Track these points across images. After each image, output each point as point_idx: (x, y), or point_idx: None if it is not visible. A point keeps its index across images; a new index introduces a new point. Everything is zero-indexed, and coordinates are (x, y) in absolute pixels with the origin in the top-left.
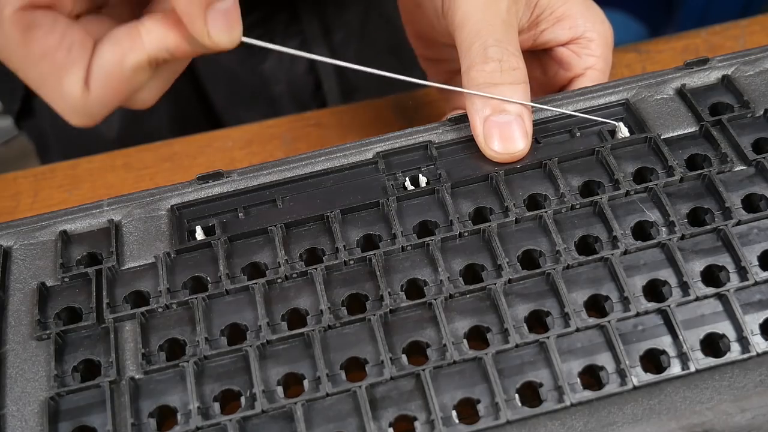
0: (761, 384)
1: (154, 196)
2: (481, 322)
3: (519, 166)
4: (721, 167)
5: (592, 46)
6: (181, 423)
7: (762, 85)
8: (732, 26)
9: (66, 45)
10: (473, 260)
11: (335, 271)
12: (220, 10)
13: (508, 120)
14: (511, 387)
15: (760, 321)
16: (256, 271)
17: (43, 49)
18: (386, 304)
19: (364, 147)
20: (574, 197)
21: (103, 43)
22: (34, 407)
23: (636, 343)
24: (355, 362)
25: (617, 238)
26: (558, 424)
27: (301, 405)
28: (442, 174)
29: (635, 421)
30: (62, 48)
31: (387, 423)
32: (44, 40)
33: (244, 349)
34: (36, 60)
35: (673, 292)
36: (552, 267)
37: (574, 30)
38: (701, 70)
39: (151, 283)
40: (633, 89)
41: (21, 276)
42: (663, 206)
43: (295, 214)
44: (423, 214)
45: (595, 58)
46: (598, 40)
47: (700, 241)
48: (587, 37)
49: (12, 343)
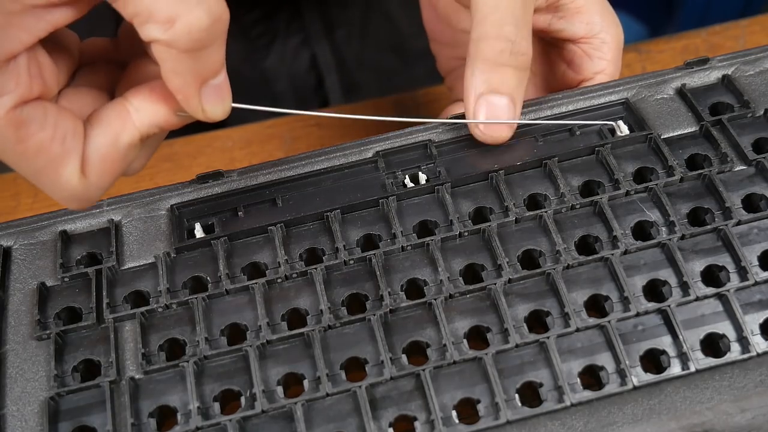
0: (761, 384)
1: (153, 196)
2: (481, 322)
3: (519, 164)
4: (721, 167)
5: (604, 48)
6: (181, 423)
7: (762, 84)
8: (732, 26)
9: (60, 136)
10: (473, 260)
11: (335, 270)
12: (213, 86)
13: (504, 104)
14: (511, 387)
15: (760, 321)
16: (256, 271)
17: (38, 144)
18: (386, 304)
19: (364, 146)
20: (574, 197)
21: (93, 126)
22: (34, 407)
23: (636, 343)
24: (355, 362)
25: (617, 238)
26: (558, 424)
27: (301, 405)
28: (441, 173)
29: (635, 421)
30: (56, 140)
31: (387, 423)
32: (38, 136)
33: (244, 349)
34: (32, 156)
35: (673, 292)
36: (552, 267)
37: (590, 27)
38: (701, 70)
39: (151, 283)
40: (633, 89)
41: (21, 276)
42: (663, 206)
43: (294, 214)
44: (423, 214)
45: (606, 62)
46: (611, 44)
47: (700, 241)
48: (601, 38)
49: (12, 343)
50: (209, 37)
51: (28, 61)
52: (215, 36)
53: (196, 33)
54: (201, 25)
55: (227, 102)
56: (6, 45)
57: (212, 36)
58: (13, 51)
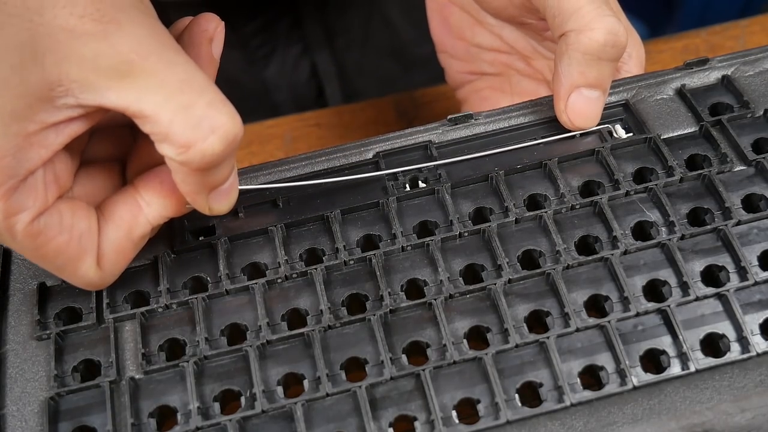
0: (761, 384)
1: None
2: (481, 322)
3: (519, 167)
4: (720, 167)
5: (630, 63)
6: (181, 423)
7: (762, 85)
8: (732, 26)
9: (76, 237)
10: (473, 260)
11: (335, 271)
12: (221, 191)
13: (596, 97)
14: (511, 387)
15: (760, 321)
16: (256, 271)
17: (56, 248)
18: (386, 304)
19: (364, 147)
20: (574, 197)
21: (107, 221)
22: (34, 407)
23: (636, 343)
24: (355, 362)
25: (617, 238)
26: (558, 424)
27: (301, 405)
28: (442, 174)
29: (635, 421)
30: (73, 241)
31: (387, 423)
32: (55, 241)
33: (244, 349)
34: (51, 258)
35: (673, 292)
36: (552, 267)
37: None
38: (701, 71)
39: (151, 283)
40: (633, 89)
41: (21, 276)
42: (663, 206)
43: (295, 215)
44: (423, 214)
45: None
46: (636, 59)
47: (700, 241)
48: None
49: (12, 343)
50: (221, 160)
51: (45, 173)
52: (227, 156)
53: (209, 157)
54: (214, 151)
55: (233, 197)
56: (25, 164)
57: (225, 156)
58: (30, 169)
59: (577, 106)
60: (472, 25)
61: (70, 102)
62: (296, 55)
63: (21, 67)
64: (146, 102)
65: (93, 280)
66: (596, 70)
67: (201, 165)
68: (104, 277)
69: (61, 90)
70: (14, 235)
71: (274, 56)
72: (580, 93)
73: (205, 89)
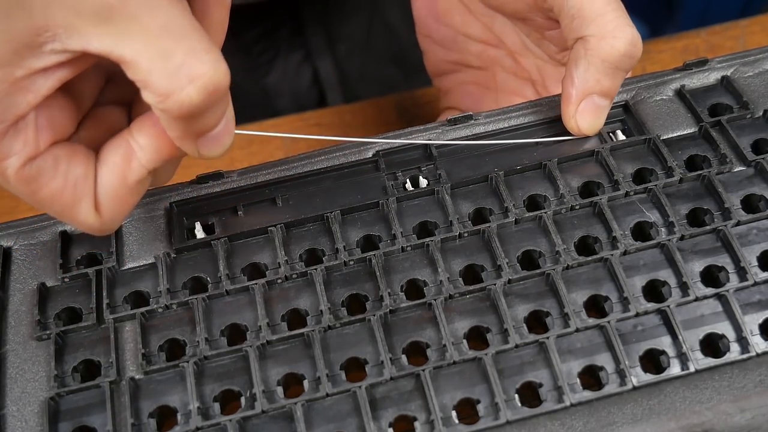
0: (761, 384)
1: (153, 196)
2: (481, 322)
3: (518, 167)
4: (720, 168)
5: None
6: (181, 423)
7: (761, 86)
8: (732, 26)
9: (71, 184)
10: (473, 261)
11: (335, 271)
12: (210, 136)
13: (604, 106)
14: (510, 387)
15: (760, 321)
16: (256, 272)
17: (50, 194)
18: (386, 305)
19: (364, 146)
20: (574, 198)
21: (101, 165)
22: (34, 407)
23: (636, 344)
24: (355, 362)
25: (617, 238)
26: (558, 424)
27: (301, 405)
28: (441, 174)
29: (635, 421)
30: (68, 188)
31: (387, 423)
32: (49, 186)
33: (244, 349)
34: (47, 203)
35: (673, 292)
36: (552, 267)
37: None
38: (700, 71)
39: (151, 284)
40: (632, 90)
41: (21, 276)
42: (662, 207)
43: (294, 214)
44: (423, 215)
45: None
46: None
47: (700, 242)
48: None
49: (12, 343)
50: (202, 109)
51: (36, 118)
52: (210, 105)
53: (187, 108)
54: (192, 101)
55: (225, 143)
56: (12, 110)
57: (206, 106)
58: (19, 114)
59: (587, 112)
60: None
61: (57, 47)
62: (298, 61)
63: (7, 14)
64: (126, 48)
65: (93, 225)
66: (611, 78)
67: (180, 114)
68: (105, 222)
69: (48, 35)
70: (7, 179)
71: (276, 63)
72: (591, 100)
73: (187, 35)
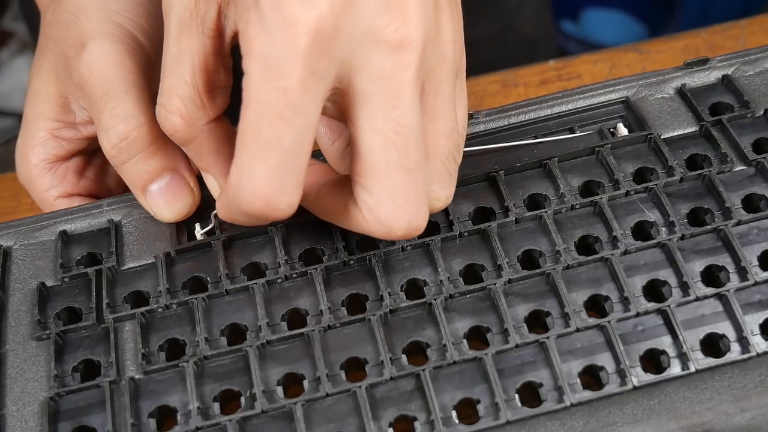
0: (761, 384)
1: None
2: (481, 322)
3: (519, 165)
4: (721, 167)
5: None
6: (181, 423)
7: (762, 85)
8: (732, 26)
9: None
10: (473, 260)
11: (335, 271)
12: (154, 191)
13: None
14: (511, 387)
15: (760, 321)
16: (256, 271)
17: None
18: (386, 304)
19: None
20: (574, 197)
21: None
22: (34, 407)
23: (636, 343)
24: (355, 362)
25: (617, 238)
26: (558, 424)
27: (301, 405)
28: None
29: (635, 421)
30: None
31: (387, 423)
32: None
33: (244, 349)
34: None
35: (673, 292)
36: (552, 267)
37: None
38: (701, 70)
39: (151, 283)
40: (633, 87)
41: (21, 276)
42: (663, 206)
43: (294, 214)
44: None
45: None
46: None
47: (700, 241)
48: None
49: (12, 343)
50: (123, 156)
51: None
52: (131, 154)
53: (110, 153)
54: (109, 148)
55: (176, 205)
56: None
57: (126, 154)
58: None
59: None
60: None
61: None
62: None
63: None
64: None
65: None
66: None
67: (112, 160)
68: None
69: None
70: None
71: None
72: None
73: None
